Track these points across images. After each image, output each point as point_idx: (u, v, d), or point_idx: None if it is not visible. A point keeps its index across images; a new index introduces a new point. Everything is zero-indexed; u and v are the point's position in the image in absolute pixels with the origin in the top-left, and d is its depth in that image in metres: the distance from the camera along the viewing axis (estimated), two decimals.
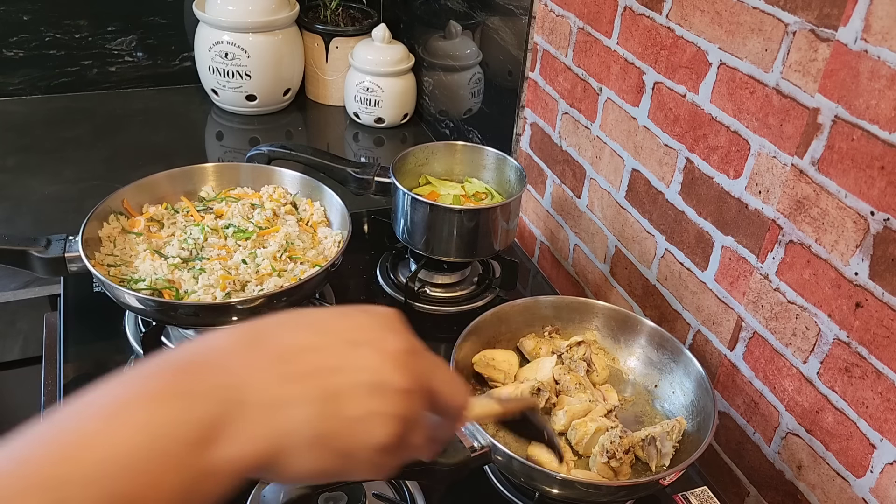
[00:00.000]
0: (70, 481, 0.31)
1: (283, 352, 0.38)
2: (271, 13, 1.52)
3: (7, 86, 1.58)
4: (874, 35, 0.62)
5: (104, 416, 0.34)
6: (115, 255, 0.93)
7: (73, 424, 0.34)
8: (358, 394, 0.38)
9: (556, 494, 0.73)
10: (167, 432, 0.34)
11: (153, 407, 0.34)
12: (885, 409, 0.67)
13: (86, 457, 0.32)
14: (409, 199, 0.99)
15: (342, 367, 0.38)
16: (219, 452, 0.35)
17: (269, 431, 0.36)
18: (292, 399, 0.37)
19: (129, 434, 0.33)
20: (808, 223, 0.72)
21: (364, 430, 0.38)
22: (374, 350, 0.40)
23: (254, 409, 0.36)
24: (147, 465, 0.33)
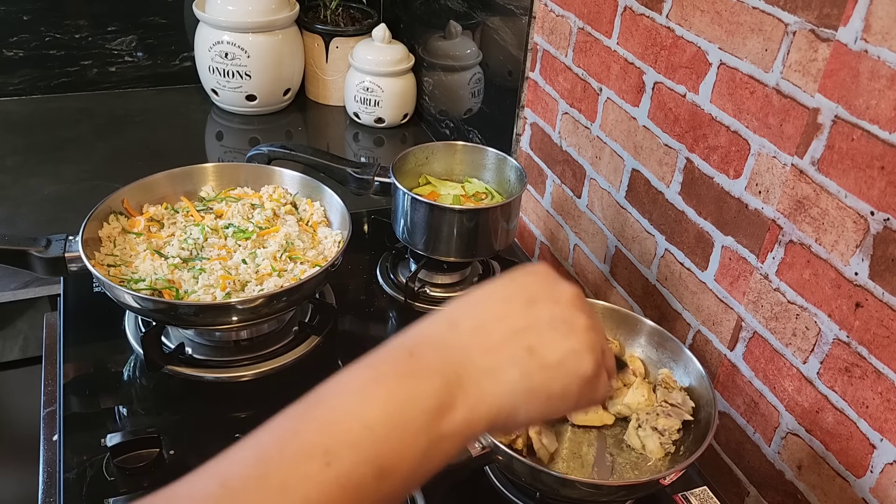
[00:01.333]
0: (340, 444, 0.37)
1: (478, 326, 0.44)
2: (271, 13, 1.52)
3: (7, 86, 1.58)
4: (874, 35, 0.62)
5: (356, 393, 0.40)
6: (115, 255, 0.93)
7: (332, 400, 0.40)
8: (552, 341, 0.44)
9: (556, 494, 0.73)
10: (409, 405, 0.39)
11: (395, 384, 0.40)
12: (885, 409, 0.67)
13: (348, 426, 0.38)
14: (409, 199, 0.99)
15: (531, 325, 0.44)
16: (452, 418, 0.40)
17: (489, 396, 0.42)
18: (499, 366, 0.42)
19: (381, 407, 0.39)
20: (808, 223, 0.72)
21: (568, 370, 0.44)
22: (550, 302, 0.45)
23: (472, 381, 0.41)
24: (398, 432, 0.38)
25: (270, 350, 0.94)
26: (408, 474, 0.39)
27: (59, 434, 0.84)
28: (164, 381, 0.90)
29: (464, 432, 0.41)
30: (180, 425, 0.85)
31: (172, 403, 0.88)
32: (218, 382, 0.91)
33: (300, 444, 0.37)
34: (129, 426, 0.83)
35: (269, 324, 0.95)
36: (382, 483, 0.38)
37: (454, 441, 0.40)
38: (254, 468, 0.36)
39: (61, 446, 0.81)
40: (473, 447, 0.71)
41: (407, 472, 0.39)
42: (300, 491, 0.35)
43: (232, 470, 0.37)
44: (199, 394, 0.90)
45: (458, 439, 0.41)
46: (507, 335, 0.44)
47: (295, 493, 0.35)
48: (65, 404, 0.86)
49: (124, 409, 0.87)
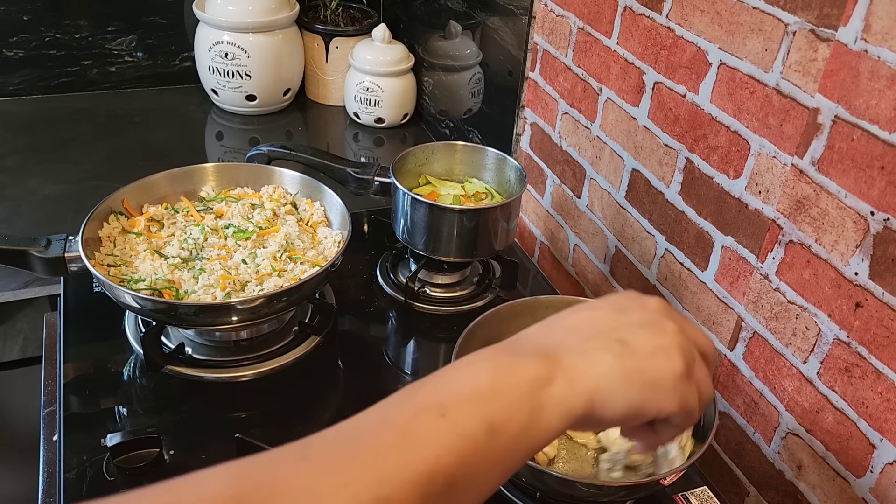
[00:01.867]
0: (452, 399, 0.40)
1: (572, 326, 0.48)
2: (271, 13, 1.52)
3: (7, 86, 1.58)
4: (874, 35, 0.62)
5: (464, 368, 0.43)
6: (115, 255, 0.93)
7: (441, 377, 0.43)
8: (642, 337, 0.46)
9: (556, 494, 0.73)
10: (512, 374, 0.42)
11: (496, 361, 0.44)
12: (885, 409, 0.67)
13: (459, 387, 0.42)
14: (409, 199, 0.99)
15: (621, 326, 0.47)
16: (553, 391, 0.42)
17: (586, 375, 0.44)
18: (594, 351, 0.45)
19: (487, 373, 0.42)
20: (808, 223, 0.72)
21: (660, 359, 0.46)
22: (639, 309, 0.49)
23: (569, 360, 0.44)
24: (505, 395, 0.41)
25: (270, 350, 0.94)
26: (516, 435, 0.41)
27: (59, 434, 0.84)
28: (164, 381, 0.90)
29: (563, 406, 0.43)
30: (180, 425, 0.85)
31: (172, 403, 0.88)
32: (218, 382, 0.91)
33: (416, 400, 0.41)
34: (129, 426, 0.83)
35: (269, 324, 0.95)
36: (494, 439, 0.40)
37: (556, 414, 0.42)
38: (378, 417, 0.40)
39: (61, 446, 0.81)
40: None
41: (515, 433, 0.41)
42: (421, 433, 0.39)
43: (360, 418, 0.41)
44: (199, 394, 0.90)
45: (559, 412, 0.43)
46: (599, 331, 0.47)
47: (416, 434, 0.39)
48: (65, 404, 0.86)
49: (124, 409, 0.87)
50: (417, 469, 0.38)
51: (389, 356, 1.01)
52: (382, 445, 0.38)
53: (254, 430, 0.83)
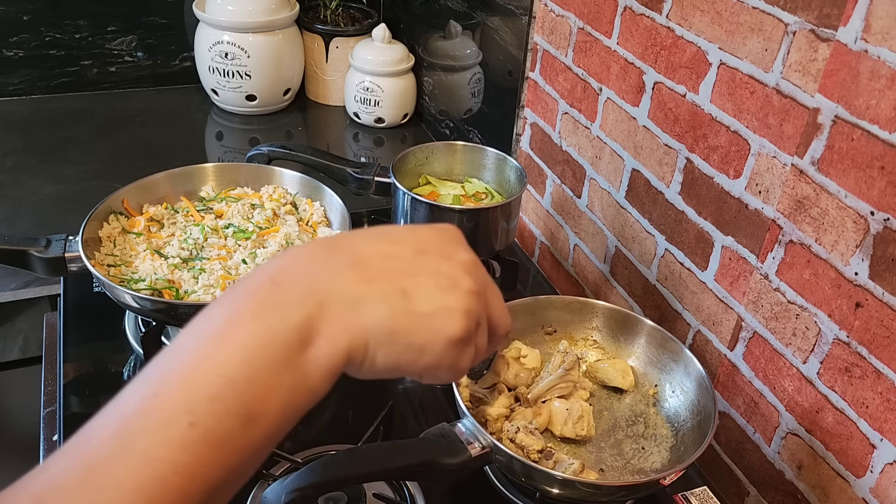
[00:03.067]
0: (199, 402, 0.36)
1: (358, 258, 0.42)
2: (271, 13, 1.52)
3: (7, 86, 1.58)
4: (874, 35, 0.62)
5: (214, 338, 0.38)
6: (115, 255, 0.93)
7: (190, 351, 0.38)
8: (429, 292, 0.42)
9: (556, 494, 0.73)
10: (270, 343, 0.38)
11: (253, 323, 0.38)
12: (885, 409, 0.67)
13: (207, 379, 0.36)
14: (409, 199, 0.99)
15: (413, 271, 0.42)
16: (313, 353, 0.39)
17: (351, 328, 0.40)
18: (368, 297, 0.40)
19: (240, 350, 0.37)
20: (808, 223, 0.72)
21: (436, 324, 0.42)
22: (442, 258, 0.43)
23: (336, 309, 0.39)
24: (260, 374, 0.37)
25: None
26: (276, 415, 0.38)
27: (59, 434, 0.84)
28: None
29: (326, 366, 0.39)
30: None
31: None
32: None
33: (161, 408, 0.36)
34: None
35: None
36: (251, 429, 0.37)
37: (318, 376, 0.39)
38: (116, 440, 0.35)
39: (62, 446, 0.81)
40: (473, 447, 0.71)
41: (275, 414, 0.38)
42: (167, 459, 0.34)
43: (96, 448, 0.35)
44: None
45: (322, 374, 0.39)
46: (384, 272, 0.41)
47: (161, 462, 0.34)
48: (65, 404, 0.86)
49: None
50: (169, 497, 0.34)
51: None
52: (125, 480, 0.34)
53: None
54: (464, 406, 0.74)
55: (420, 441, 0.72)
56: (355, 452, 0.71)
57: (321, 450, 0.80)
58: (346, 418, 0.87)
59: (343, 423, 0.85)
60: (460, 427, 0.73)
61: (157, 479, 0.34)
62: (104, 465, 0.34)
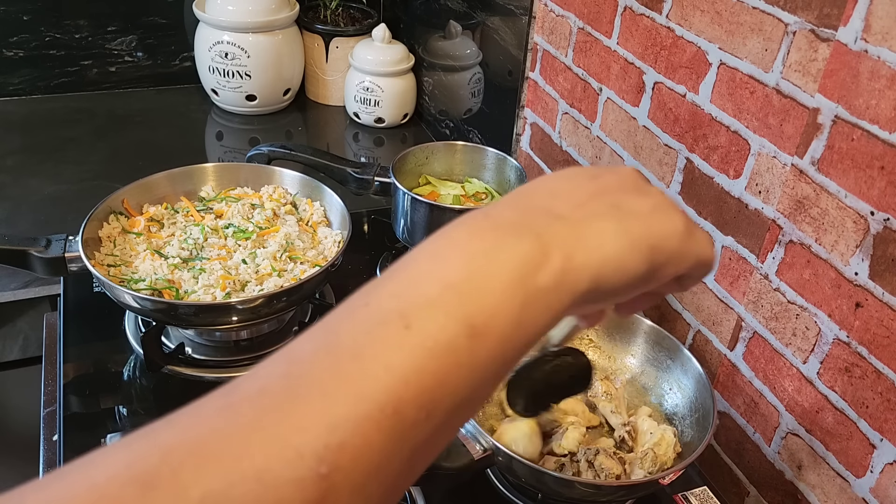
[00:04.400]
0: (415, 307, 0.32)
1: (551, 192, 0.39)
2: (271, 13, 1.52)
3: (7, 86, 1.58)
4: (874, 35, 0.62)
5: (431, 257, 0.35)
6: (115, 255, 0.93)
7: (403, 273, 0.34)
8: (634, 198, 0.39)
9: (557, 495, 0.73)
10: (496, 257, 0.34)
11: (473, 243, 0.35)
12: (885, 409, 0.67)
13: (426, 287, 0.33)
14: (409, 199, 0.99)
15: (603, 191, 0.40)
16: (550, 267, 0.35)
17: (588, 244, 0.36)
18: (592, 216, 0.37)
19: (462, 262, 0.34)
20: (808, 223, 0.72)
21: (660, 218, 0.39)
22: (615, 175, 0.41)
23: (566, 229, 0.36)
24: (486, 285, 0.33)
25: (270, 350, 0.94)
26: (507, 333, 0.33)
27: (59, 434, 0.84)
28: (164, 381, 0.90)
29: (564, 284, 0.35)
30: None
31: (172, 403, 0.88)
32: (218, 382, 0.90)
33: (372, 313, 0.32)
34: (130, 426, 0.83)
35: (269, 324, 0.95)
36: (477, 343, 0.32)
37: (556, 294, 0.35)
38: (322, 339, 0.32)
39: (61, 446, 0.81)
40: (475, 449, 0.71)
41: (505, 331, 0.33)
42: (379, 359, 0.30)
43: (302, 347, 0.32)
44: (199, 394, 0.89)
45: (561, 292, 0.35)
46: (587, 196, 0.39)
47: (373, 361, 0.30)
48: (65, 404, 0.86)
49: (124, 409, 0.87)
50: (378, 402, 0.29)
51: None
52: (328, 378, 0.30)
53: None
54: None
55: None
56: None
57: None
58: None
59: None
60: (461, 429, 0.73)
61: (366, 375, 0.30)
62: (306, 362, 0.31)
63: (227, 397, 0.31)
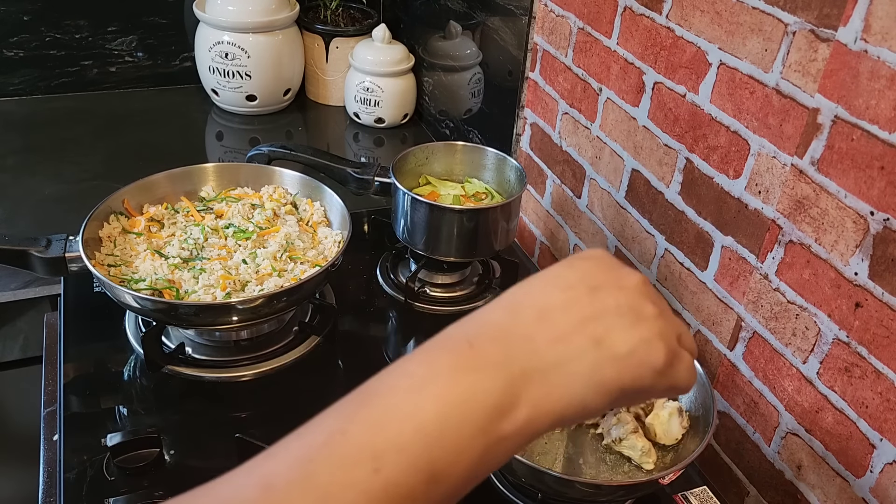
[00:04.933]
0: (387, 450, 0.34)
1: (541, 314, 0.41)
2: (271, 13, 1.52)
3: (7, 86, 1.58)
4: (874, 35, 0.62)
5: (411, 389, 0.37)
6: (115, 255, 0.93)
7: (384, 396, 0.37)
8: (621, 332, 0.40)
9: (556, 494, 0.73)
10: (468, 404, 0.36)
11: (451, 382, 0.37)
12: (885, 409, 0.67)
13: (400, 427, 0.35)
14: (409, 199, 1.00)
15: (597, 314, 0.41)
16: (514, 417, 0.37)
17: (556, 391, 0.38)
18: (567, 358, 0.39)
19: (436, 406, 0.36)
20: (808, 223, 0.72)
21: (639, 361, 0.40)
22: (615, 289, 0.42)
23: (538, 375, 0.38)
24: (453, 433, 0.36)
25: (270, 350, 0.94)
26: (461, 478, 0.36)
27: (59, 434, 0.84)
28: (165, 381, 0.90)
29: (526, 431, 0.38)
30: (180, 425, 0.85)
31: (172, 403, 0.88)
32: (218, 382, 0.91)
33: (348, 447, 0.35)
34: (130, 426, 0.83)
35: (269, 324, 0.95)
36: (433, 488, 0.35)
37: (515, 441, 0.37)
38: (298, 470, 0.34)
39: (61, 446, 0.81)
40: None
41: (461, 477, 0.36)
42: (345, 498, 0.33)
43: (276, 471, 0.34)
44: (199, 394, 0.90)
45: (520, 439, 0.38)
46: (573, 325, 0.40)
47: (339, 501, 0.33)
48: (65, 404, 0.86)
49: (124, 409, 0.87)
50: None
51: (390, 356, 1.01)
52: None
53: (254, 430, 0.83)
54: None
55: None
56: None
57: None
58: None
59: None
60: None
61: None
62: (282, 492, 0.33)
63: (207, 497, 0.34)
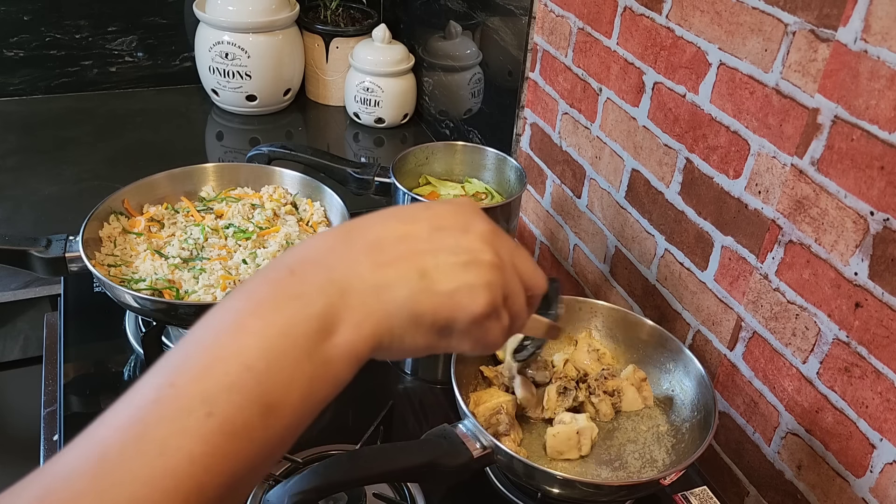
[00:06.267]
0: (217, 392, 0.35)
1: (374, 242, 0.41)
2: (271, 13, 1.52)
3: (7, 86, 1.58)
4: (874, 35, 0.62)
5: (233, 328, 0.38)
6: (115, 255, 0.93)
7: (208, 341, 0.37)
8: (449, 270, 0.41)
9: (556, 494, 0.73)
10: (290, 331, 0.37)
11: (273, 312, 0.38)
12: (885, 409, 0.67)
13: (226, 368, 0.36)
14: (409, 199, 1.00)
15: (431, 249, 0.41)
16: (336, 341, 0.38)
17: (374, 315, 0.39)
18: (389, 282, 0.40)
19: (259, 339, 0.37)
20: (808, 223, 0.72)
21: (458, 302, 0.41)
22: (460, 232, 0.42)
23: (357, 297, 0.39)
24: (279, 363, 0.36)
25: None
26: (296, 406, 0.37)
27: (59, 434, 0.84)
28: None
29: (350, 354, 0.38)
30: None
31: None
32: None
33: (179, 399, 0.35)
34: None
35: None
36: (270, 420, 0.36)
37: (341, 365, 0.38)
38: (130, 431, 0.34)
39: (62, 446, 0.81)
40: (474, 447, 0.71)
41: (295, 404, 0.37)
42: (183, 449, 0.33)
43: (109, 439, 0.34)
44: None
45: (346, 362, 0.38)
46: (403, 254, 0.41)
47: (176, 452, 0.33)
48: (65, 404, 0.86)
49: None
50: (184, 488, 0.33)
51: None
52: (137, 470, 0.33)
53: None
54: (465, 407, 0.74)
55: (421, 442, 0.72)
56: (357, 455, 0.71)
57: (322, 450, 0.80)
58: (347, 418, 0.87)
59: (343, 423, 0.85)
60: (461, 428, 0.73)
61: (172, 470, 0.33)
62: (117, 456, 0.33)
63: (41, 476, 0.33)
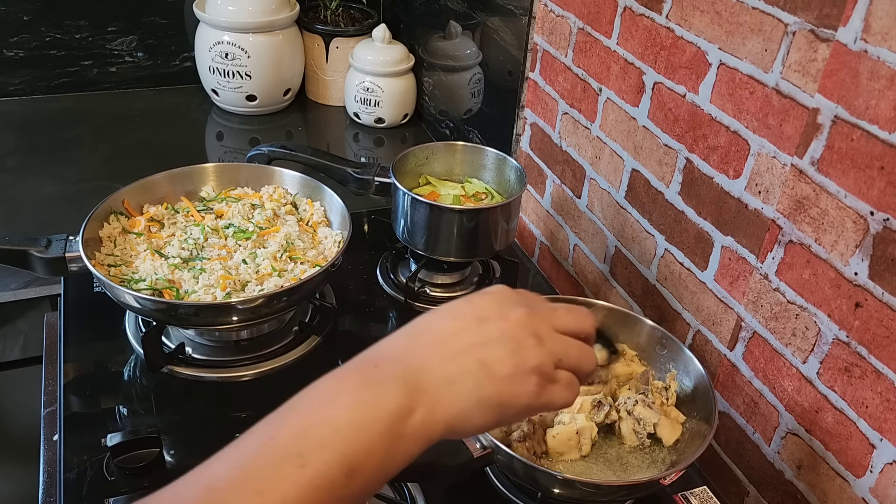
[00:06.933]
0: (310, 450, 0.41)
1: (435, 340, 0.49)
2: (271, 13, 1.52)
3: (7, 86, 1.58)
4: (874, 35, 0.62)
5: (326, 402, 0.45)
6: (115, 255, 0.93)
7: (304, 410, 0.44)
8: (501, 356, 0.48)
9: (557, 494, 0.73)
10: (374, 409, 0.44)
11: (360, 392, 0.45)
12: (885, 409, 0.67)
13: (319, 430, 0.42)
14: (409, 199, 1.00)
15: (483, 342, 0.49)
16: (412, 421, 0.45)
17: (446, 403, 0.46)
18: (455, 376, 0.47)
19: (347, 412, 0.43)
20: (808, 223, 0.72)
21: (516, 383, 0.48)
22: (499, 321, 0.50)
23: (430, 390, 0.46)
24: (365, 432, 0.43)
25: (270, 350, 0.94)
26: (374, 471, 0.43)
27: (59, 434, 0.84)
28: (165, 381, 0.90)
29: (423, 434, 0.45)
30: (180, 425, 0.85)
31: (172, 403, 0.88)
32: (218, 382, 0.91)
33: (277, 449, 0.41)
34: (130, 426, 0.83)
35: (269, 324, 0.95)
36: (352, 480, 0.42)
37: (415, 441, 0.45)
38: (235, 471, 0.41)
39: (62, 446, 0.81)
40: (474, 448, 0.71)
41: (373, 470, 0.43)
42: (277, 492, 0.40)
43: (217, 475, 0.41)
44: (199, 394, 0.90)
45: (419, 440, 0.45)
46: (461, 349, 0.48)
47: (272, 494, 0.39)
48: (65, 404, 0.86)
49: (124, 409, 0.87)
50: None
51: None
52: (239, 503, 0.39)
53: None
54: None
55: None
56: None
57: None
58: None
59: None
60: None
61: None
62: (223, 490, 0.40)
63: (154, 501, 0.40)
